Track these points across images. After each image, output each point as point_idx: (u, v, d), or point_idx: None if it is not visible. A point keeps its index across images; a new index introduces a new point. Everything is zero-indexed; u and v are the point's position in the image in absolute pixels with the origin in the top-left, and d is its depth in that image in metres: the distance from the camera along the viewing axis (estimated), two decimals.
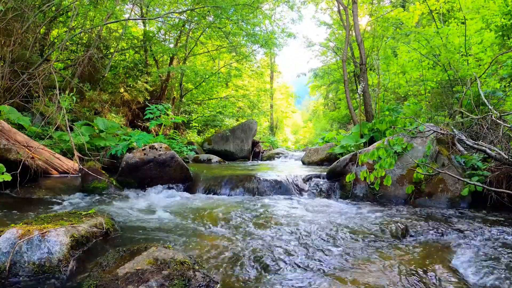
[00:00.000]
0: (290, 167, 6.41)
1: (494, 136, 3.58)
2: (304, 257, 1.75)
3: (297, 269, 1.61)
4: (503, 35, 6.59)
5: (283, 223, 2.41)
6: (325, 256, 1.76)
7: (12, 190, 3.24)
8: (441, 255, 1.79)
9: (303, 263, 1.68)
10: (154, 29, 10.45)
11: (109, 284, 1.31)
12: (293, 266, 1.64)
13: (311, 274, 1.55)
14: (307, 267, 1.63)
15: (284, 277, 1.52)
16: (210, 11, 8.32)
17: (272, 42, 9.83)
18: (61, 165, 4.06)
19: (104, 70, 7.99)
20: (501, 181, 3.05)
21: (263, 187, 3.77)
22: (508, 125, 3.10)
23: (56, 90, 4.24)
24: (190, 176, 4.13)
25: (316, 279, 1.50)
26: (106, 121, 5.41)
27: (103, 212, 2.41)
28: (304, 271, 1.58)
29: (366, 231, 2.23)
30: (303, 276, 1.53)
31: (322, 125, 24.04)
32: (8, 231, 1.58)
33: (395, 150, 3.44)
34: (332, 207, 3.08)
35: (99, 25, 7.32)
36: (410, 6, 11.40)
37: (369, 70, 9.88)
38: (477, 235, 2.15)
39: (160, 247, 1.60)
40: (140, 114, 9.17)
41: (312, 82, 21.00)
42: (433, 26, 8.44)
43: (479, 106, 5.13)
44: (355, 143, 5.82)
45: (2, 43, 4.95)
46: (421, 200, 3.26)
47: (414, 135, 3.66)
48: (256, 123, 10.16)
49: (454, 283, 1.47)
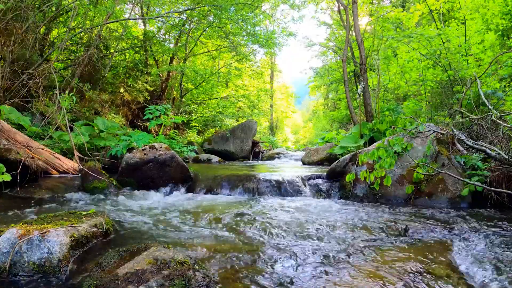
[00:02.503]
0: (290, 167, 6.42)
1: (494, 136, 3.58)
2: (304, 256, 1.75)
3: (297, 269, 1.61)
4: (503, 35, 6.60)
5: (283, 223, 2.41)
6: (325, 256, 1.76)
7: (12, 190, 3.23)
8: (441, 255, 1.79)
9: (303, 262, 1.68)
10: (154, 29, 10.45)
11: (109, 284, 1.31)
12: (293, 266, 1.64)
13: (311, 274, 1.55)
14: (307, 267, 1.63)
15: (284, 277, 1.53)
16: (211, 10, 8.33)
17: (272, 41, 9.83)
18: (61, 165, 4.06)
19: (104, 70, 7.99)
20: (501, 181, 3.05)
21: (263, 187, 3.77)
22: (508, 125, 3.10)
23: (56, 90, 4.25)
24: (190, 176, 4.13)
25: (316, 279, 1.50)
26: (106, 121, 5.41)
27: (103, 212, 2.41)
28: (304, 271, 1.58)
29: (366, 231, 2.23)
30: (303, 276, 1.53)
31: (322, 125, 24.04)
32: (8, 231, 1.58)
33: (395, 150, 3.44)
34: (332, 207, 3.08)
35: (99, 25, 7.32)
36: (410, 6, 11.41)
37: (369, 70, 9.88)
38: (477, 235, 2.14)
39: (160, 247, 1.60)
40: (140, 114, 9.16)
41: (312, 82, 21.00)
42: (433, 26, 8.45)
43: (479, 106, 5.13)
44: (355, 143, 5.82)
45: (2, 43, 4.95)
46: (421, 200, 3.26)
47: (414, 135, 3.66)
48: (256, 123, 10.16)
49: (454, 282, 1.47)
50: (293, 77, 59.90)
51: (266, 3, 12.23)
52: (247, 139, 9.52)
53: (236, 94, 13.44)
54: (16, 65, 5.08)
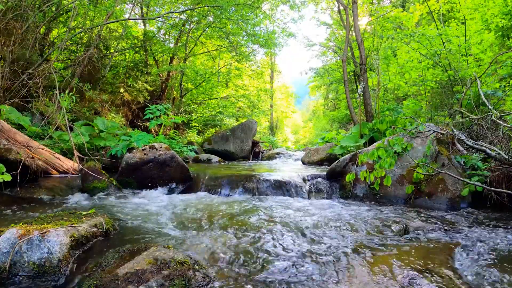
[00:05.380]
0: (290, 167, 6.41)
1: (494, 136, 3.58)
2: (303, 256, 1.75)
3: (297, 269, 1.61)
4: (503, 35, 6.59)
5: (283, 223, 2.41)
6: (325, 256, 1.76)
7: (12, 190, 3.23)
8: (441, 255, 1.79)
9: (303, 262, 1.67)
10: (154, 29, 10.45)
11: (109, 284, 1.31)
12: (293, 266, 1.64)
13: (310, 274, 1.55)
14: (307, 267, 1.63)
15: (284, 276, 1.52)
16: (211, 10, 8.32)
17: (272, 42, 9.83)
18: (61, 165, 4.06)
19: (104, 70, 7.99)
20: (501, 181, 3.05)
21: (263, 187, 3.77)
22: (508, 125, 3.10)
23: (56, 90, 4.24)
24: (190, 176, 4.13)
25: (315, 279, 1.50)
26: (106, 121, 5.41)
27: (103, 212, 2.41)
28: (304, 271, 1.58)
29: (365, 231, 2.23)
30: (303, 276, 1.53)
31: (322, 125, 24.03)
32: (8, 231, 1.58)
33: (395, 150, 3.44)
34: (332, 207, 3.08)
35: (99, 25, 7.32)
36: (410, 6, 11.40)
37: (369, 70, 9.88)
38: (477, 235, 2.15)
39: (160, 247, 1.60)
40: (140, 114, 9.16)
41: (312, 82, 21.00)
42: (433, 26, 8.44)
43: (479, 106, 5.13)
44: (355, 143, 5.82)
45: (2, 43, 4.95)
46: (421, 200, 3.26)
47: (414, 135, 3.66)
48: (256, 123, 10.16)
49: (454, 283, 1.47)
50: (293, 77, 59.88)
51: (266, 3, 12.24)
52: (247, 139, 9.52)
53: (236, 94, 13.43)
54: (16, 65, 5.08)
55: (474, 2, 7.05)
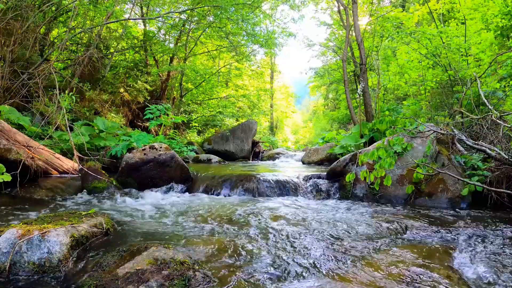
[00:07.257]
0: (290, 167, 6.41)
1: (494, 136, 3.58)
2: (303, 256, 1.75)
3: (297, 269, 1.61)
4: (503, 35, 6.59)
5: (283, 223, 2.41)
6: (325, 257, 1.76)
7: (12, 190, 3.23)
8: (441, 255, 1.79)
9: (303, 262, 1.67)
10: (154, 29, 10.45)
11: (109, 284, 1.31)
12: (293, 266, 1.64)
13: (310, 273, 1.55)
14: (307, 267, 1.63)
15: (284, 276, 1.52)
16: (211, 10, 8.32)
17: (272, 42, 9.83)
18: (61, 165, 4.06)
19: (104, 70, 7.99)
20: (501, 181, 3.06)
21: (263, 187, 3.77)
22: (508, 125, 3.10)
23: (56, 90, 4.24)
24: (190, 176, 4.13)
25: (316, 279, 1.50)
26: (106, 121, 5.41)
27: (103, 212, 2.42)
28: (303, 271, 1.58)
29: (365, 231, 2.23)
30: (303, 275, 1.53)
31: (322, 125, 24.03)
32: (8, 231, 1.58)
33: (395, 150, 3.44)
34: (332, 207, 3.08)
35: (99, 25, 7.32)
36: (410, 6, 11.41)
37: (369, 70, 9.87)
38: (477, 235, 2.15)
39: (160, 247, 1.60)
40: (140, 114, 9.16)
41: (312, 82, 20.99)
42: (433, 26, 8.44)
43: (479, 106, 5.13)
44: (355, 143, 5.82)
45: (2, 43, 4.95)
46: (421, 200, 3.26)
47: (414, 135, 3.66)
48: (256, 123, 10.16)
49: (454, 283, 1.47)
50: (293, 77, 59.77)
51: (266, 3, 12.23)
52: (247, 139, 9.52)
53: (236, 94, 13.43)
54: (16, 65, 5.08)
55: (474, 2, 7.05)
